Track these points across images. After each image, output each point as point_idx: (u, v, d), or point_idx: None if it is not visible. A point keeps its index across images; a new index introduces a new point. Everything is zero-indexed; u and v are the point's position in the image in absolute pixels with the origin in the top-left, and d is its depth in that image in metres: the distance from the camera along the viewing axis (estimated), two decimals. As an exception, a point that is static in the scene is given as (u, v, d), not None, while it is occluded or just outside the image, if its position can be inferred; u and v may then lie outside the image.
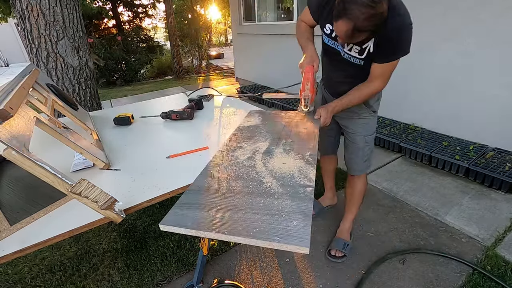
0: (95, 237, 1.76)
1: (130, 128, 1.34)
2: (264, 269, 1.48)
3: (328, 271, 1.44)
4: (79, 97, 2.26)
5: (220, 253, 1.60)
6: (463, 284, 1.32)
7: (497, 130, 2.21)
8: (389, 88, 2.65)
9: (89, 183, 0.64)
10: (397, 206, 1.89)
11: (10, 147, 0.57)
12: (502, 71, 2.09)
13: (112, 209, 0.67)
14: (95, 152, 0.94)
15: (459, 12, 2.24)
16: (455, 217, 1.74)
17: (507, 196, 1.88)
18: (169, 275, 1.47)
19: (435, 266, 1.42)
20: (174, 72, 7.88)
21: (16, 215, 0.76)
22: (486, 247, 1.51)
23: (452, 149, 2.26)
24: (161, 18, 10.69)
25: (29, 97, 0.93)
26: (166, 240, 1.69)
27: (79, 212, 0.73)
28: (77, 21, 2.17)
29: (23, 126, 0.70)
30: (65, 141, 0.86)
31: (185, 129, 1.31)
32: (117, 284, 1.44)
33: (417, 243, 1.57)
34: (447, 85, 2.46)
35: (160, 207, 2.00)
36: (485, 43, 2.14)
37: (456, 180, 2.10)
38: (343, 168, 2.08)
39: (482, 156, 2.12)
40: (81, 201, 0.64)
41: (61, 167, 0.96)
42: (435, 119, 2.62)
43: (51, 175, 0.62)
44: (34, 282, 1.47)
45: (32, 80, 1.05)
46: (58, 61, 2.11)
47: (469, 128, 2.39)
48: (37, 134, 0.89)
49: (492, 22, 2.07)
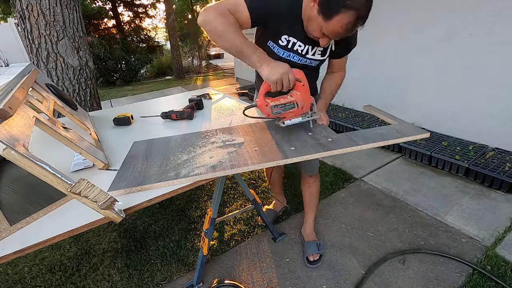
0: (95, 237, 1.76)
1: (130, 128, 1.34)
2: (264, 269, 1.48)
3: (328, 271, 1.45)
4: (79, 97, 2.26)
5: (220, 253, 1.60)
6: (463, 284, 1.32)
7: (497, 130, 2.21)
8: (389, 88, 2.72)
9: (89, 182, 0.64)
10: (397, 206, 1.89)
11: (9, 147, 0.57)
12: (502, 71, 2.09)
13: (111, 208, 0.67)
14: (94, 152, 0.94)
15: (459, 12, 2.24)
16: (455, 217, 1.74)
17: (507, 196, 1.87)
18: (169, 275, 1.47)
19: (435, 266, 1.42)
20: (174, 72, 7.88)
21: (16, 215, 0.76)
22: (486, 247, 1.51)
23: (452, 149, 2.26)
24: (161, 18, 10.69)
25: (28, 97, 0.93)
26: (166, 240, 1.69)
27: (79, 212, 0.73)
28: (77, 21, 2.17)
29: (23, 126, 0.70)
30: (64, 141, 0.86)
31: (185, 129, 1.31)
32: (117, 284, 1.44)
33: (417, 243, 1.57)
34: (447, 85, 2.46)
35: (160, 207, 2.00)
36: (485, 43, 2.14)
37: (456, 180, 2.10)
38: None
39: (482, 156, 2.12)
40: (81, 200, 0.63)
41: (61, 167, 0.96)
42: (435, 119, 2.62)
43: (51, 175, 0.62)
44: (34, 282, 1.47)
45: (32, 80, 1.05)
46: (58, 61, 2.11)
47: (469, 128, 2.39)
48: (37, 134, 0.90)
49: (492, 22, 2.07)
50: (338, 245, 1.60)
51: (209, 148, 0.99)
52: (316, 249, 1.51)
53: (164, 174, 0.85)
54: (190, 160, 0.92)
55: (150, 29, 10.21)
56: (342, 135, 1.00)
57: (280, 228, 1.75)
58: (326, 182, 2.17)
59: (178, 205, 2.02)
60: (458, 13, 2.24)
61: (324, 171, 2.32)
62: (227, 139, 1.06)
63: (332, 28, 0.88)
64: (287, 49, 1.08)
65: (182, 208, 1.98)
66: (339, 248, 1.58)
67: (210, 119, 1.41)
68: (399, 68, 2.82)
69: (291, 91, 0.95)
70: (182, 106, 1.47)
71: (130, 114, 1.40)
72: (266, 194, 2.10)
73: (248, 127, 1.16)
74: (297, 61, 1.12)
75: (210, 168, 0.86)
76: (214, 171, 0.84)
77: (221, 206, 1.94)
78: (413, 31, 2.59)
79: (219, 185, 1.30)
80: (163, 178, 0.82)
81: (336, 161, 2.44)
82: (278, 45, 1.07)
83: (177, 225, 1.81)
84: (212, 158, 0.92)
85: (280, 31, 1.04)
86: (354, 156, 2.50)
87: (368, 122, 2.86)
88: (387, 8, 2.76)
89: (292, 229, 1.73)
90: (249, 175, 2.33)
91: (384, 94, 3.02)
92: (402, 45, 2.73)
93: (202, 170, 0.85)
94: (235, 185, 2.17)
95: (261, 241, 1.66)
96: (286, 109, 0.96)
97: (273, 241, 1.65)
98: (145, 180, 0.82)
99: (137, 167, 0.90)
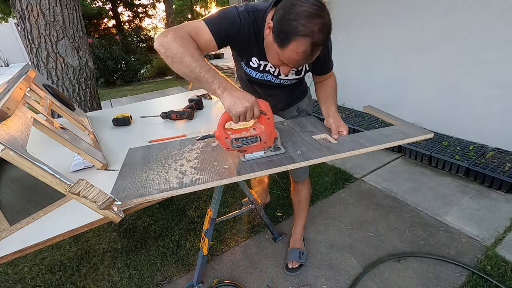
0: (95, 237, 1.76)
1: (129, 129, 1.34)
2: (264, 269, 1.48)
3: (328, 271, 1.45)
4: (79, 97, 2.26)
5: (220, 253, 1.60)
6: (463, 284, 1.32)
7: (497, 130, 2.21)
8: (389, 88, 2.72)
9: (88, 183, 0.64)
10: (397, 206, 1.89)
11: (7, 148, 0.57)
12: (502, 71, 2.09)
13: (110, 209, 0.67)
14: (93, 153, 0.94)
15: (459, 12, 2.24)
16: (455, 217, 1.74)
17: (507, 196, 1.87)
18: (169, 275, 1.47)
19: (435, 266, 1.42)
20: (174, 72, 7.86)
21: (16, 215, 0.76)
22: (486, 247, 1.51)
23: (452, 149, 2.26)
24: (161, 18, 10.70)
25: (26, 98, 0.93)
26: (166, 240, 1.69)
27: (79, 212, 0.73)
28: (77, 21, 2.17)
29: (21, 126, 0.70)
30: (62, 141, 0.86)
31: (186, 129, 1.31)
32: (117, 284, 1.44)
33: (417, 243, 1.57)
34: (447, 85, 2.46)
35: (160, 207, 2.00)
36: (485, 43, 2.14)
37: (456, 180, 2.10)
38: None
39: (482, 156, 2.12)
40: (80, 201, 0.63)
41: (61, 167, 0.96)
42: (435, 119, 2.62)
43: (49, 175, 0.62)
44: (34, 282, 1.47)
45: (29, 80, 1.04)
46: (58, 61, 2.11)
47: (469, 128, 2.39)
48: (38, 134, 0.90)
49: (492, 22, 2.07)
50: (338, 245, 1.60)
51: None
52: (297, 257, 1.46)
53: (167, 183, 0.78)
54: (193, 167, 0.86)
55: (150, 29, 10.22)
56: (348, 137, 0.99)
57: (280, 228, 1.75)
58: (326, 182, 2.17)
59: (178, 205, 2.02)
60: (458, 13, 2.24)
61: (324, 171, 2.32)
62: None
63: (288, 55, 0.83)
64: (259, 70, 1.06)
65: (182, 208, 1.98)
66: (339, 248, 1.58)
67: (210, 119, 1.41)
68: (399, 68, 2.82)
69: (255, 122, 0.89)
70: (182, 106, 1.47)
71: (128, 114, 1.39)
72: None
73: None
74: (273, 80, 1.10)
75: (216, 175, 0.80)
76: (220, 179, 0.78)
77: (221, 206, 1.94)
78: (413, 31, 2.59)
79: (219, 185, 1.30)
80: (166, 188, 0.76)
81: (336, 161, 2.43)
82: (250, 67, 1.06)
83: (177, 225, 1.81)
84: (216, 163, 0.87)
85: (248, 53, 1.02)
86: (354, 156, 2.48)
87: (368, 122, 2.87)
88: (387, 8, 2.76)
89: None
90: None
91: (384, 94, 3.02)
92: (402, 45, 2.73)
93: (208, 178, 0.79)
94: (235, 185, 2.17)
95: (261, 241, 1.66)
96: (247, 143, 0.87)
97: (273, 241, 1.65)
98: (146, 190, 0.76)
99: (136, 176, 0.83)
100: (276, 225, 1.78)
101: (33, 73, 1.15)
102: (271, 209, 1.91)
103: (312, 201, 1.95)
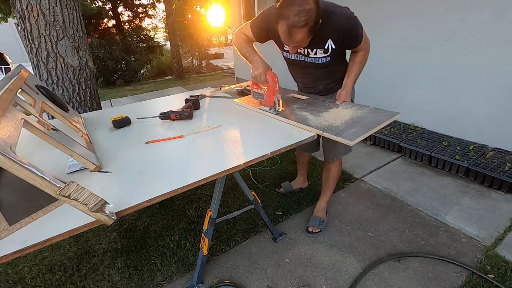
0: (95, 237, 1.76)
1: (129, 129, 1.34)
2: (264, 269, 1.48)
3: (328, 270, 1.44)
4: (79, 97, 2.26)
5: (220, 253, 1.60)
6: (463, 284, 1.32)
7: (497, 130, 2.21)
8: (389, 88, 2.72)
9: (78, 185, 0.63)
10: (397, 206, 1.89)
11: (-6, 150, 0.56)
12: (502, 71, 2.09)
13: (102, 211, 0.66)
14: (85, 154, 0.92)
15: (459, 12, 2.24)
16: (455, 217, 1.74)
17: (507, 196, 1.87)
18: (169, 275, 1.47)
19: (435, 266, 1.42)
20: (174, 72, 7.87)
21: (15, 215, 0.76)
22: (486, 247, 1.51)
23: (452, 149, 2.26)
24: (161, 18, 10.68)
25: (17, 99, 0.91)
26: (166, 240, 1.69)
27: (79, 212, 0.72)
28: (77, 21, 2.16)
29: (10, 128, 0.69)
30: (54, 143, 0.84)
31: (186, 129, 1.30)
32: (117, 284, 1.44)
33: (417, 243, 1.57)
34: (447, 85, 2.46)
35: (160, 207, 2.00)
36: (485, 43, 2.14)
37: (456, 180, 2.10)
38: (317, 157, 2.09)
39: (482, 156, 2.12)
40: (71, 203, 0.62)
41: (56, 168, 0.96)
42: (435, 119, 2.62)
43: (39, 178, 0.60)
44: (34, 282, 1.47)
45: (21, 81, 1.02)
46: (58, 61, 2.10)
47: (469, 128, 2.39)
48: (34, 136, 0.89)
49: (492, 22, 2.07)
50: (338, 245, 1.60)
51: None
52: (317, 224, 1.68)
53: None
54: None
55: (150, 29, 10.20)
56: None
57: (280, 228, 1.75)
58: (326, 182, 2.16)
59: (178, 205, 2.02)
60: (459, 13, 2.24)
61: (324, 171, 2.32)
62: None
63: (279, 36, 1.12)
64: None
65: (182, 208, 1.98)
66: (339, 248, 1.58)
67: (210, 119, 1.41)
68: (399, 68, 2.82)
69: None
70: (180, 106, 1.47)
71: (124, 116, 1.37)
72: (266, 194, 2.09)
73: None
74: (306, 60, 1.36)
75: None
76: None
77: (221, 206, 1.94)
78: (413, 31, 2.59)
79: (219, 185, 1.30)
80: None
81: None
82: (285, 51, 1.38)
83: (177, 225, 1.81)
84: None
85: (280, 42, 1.26)
86: (354, 156, 2.50)
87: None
88: (387, 8, 2.76)
89: (292, 229, 1.73)
90: (249, 175, 2.33)
91: (384, 94, 3.02)
92: (402, 45, 2.73)
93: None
94: (235, 185, 2.17)
95: (261, 241, 1.66)
96: (258, 96, 1.36)
97: (273, 241, 1.65)
98: None
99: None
100: (276, 225, 1.78)
101: (25, 73, 1.13)
102: (271, 209, 1.91)
103: (312, 201, 1.95)
